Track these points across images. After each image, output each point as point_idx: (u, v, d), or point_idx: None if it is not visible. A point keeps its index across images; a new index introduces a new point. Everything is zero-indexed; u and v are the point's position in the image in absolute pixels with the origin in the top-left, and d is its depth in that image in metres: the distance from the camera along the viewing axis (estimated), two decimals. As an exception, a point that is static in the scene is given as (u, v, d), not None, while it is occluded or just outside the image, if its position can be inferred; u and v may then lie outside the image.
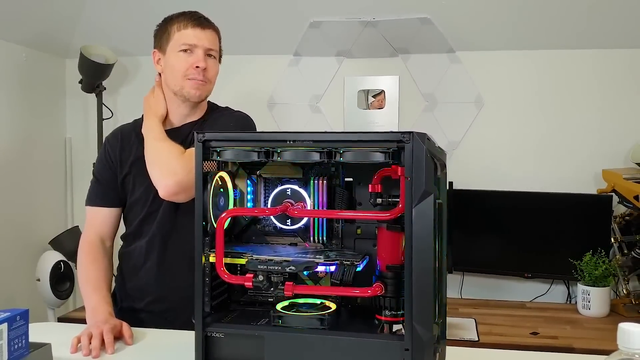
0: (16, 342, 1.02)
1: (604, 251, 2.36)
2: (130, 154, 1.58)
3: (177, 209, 1.52)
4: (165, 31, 1.56)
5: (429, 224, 0.87)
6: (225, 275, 0.97)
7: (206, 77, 1.54)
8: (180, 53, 1.52)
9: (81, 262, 1.55)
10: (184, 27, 1.53)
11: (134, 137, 1.59)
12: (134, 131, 1.60)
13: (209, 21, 1.57)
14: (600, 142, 2.61)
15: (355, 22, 2.66)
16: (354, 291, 0.97)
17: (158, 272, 1.54)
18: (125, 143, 1.60)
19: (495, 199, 2.58)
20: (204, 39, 1.53)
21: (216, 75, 1.59)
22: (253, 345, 0.96)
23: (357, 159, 0.93)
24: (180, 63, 1.52)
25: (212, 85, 1.58)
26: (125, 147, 1.59)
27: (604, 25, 2.50)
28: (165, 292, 1.53)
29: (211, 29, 1.56)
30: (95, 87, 2.78)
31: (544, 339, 2.10)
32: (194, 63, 1.51)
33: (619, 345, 0.71)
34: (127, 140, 1.60)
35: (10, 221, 2.65)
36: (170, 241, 1.53)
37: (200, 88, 1.54)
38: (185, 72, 1.52)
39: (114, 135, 1.64)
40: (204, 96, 1.57)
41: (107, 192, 1.59)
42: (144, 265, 1.55)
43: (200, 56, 1.52)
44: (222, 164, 1.07)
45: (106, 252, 1.59)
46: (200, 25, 1.54)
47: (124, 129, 1.65)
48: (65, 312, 2.67)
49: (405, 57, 2.74)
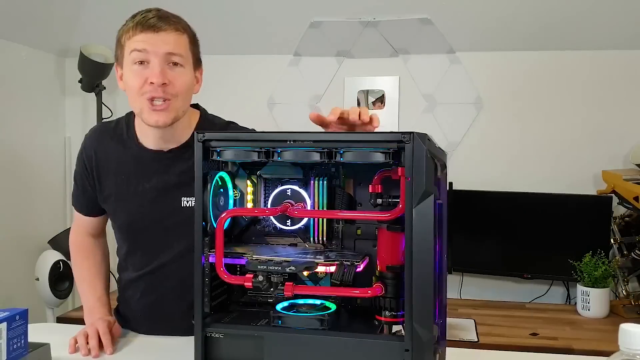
0: (15, 342, 1.02)
1: (604, 252, 2.36)
2: (109, 171, 1.37)
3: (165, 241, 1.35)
4: (119, 40, 1.28)
5: (430, 225, 0.87)
6: (225, 276, 0.97)
7: (169, 94, 1.23)
8: (134, 66, 1.23)
9: (74, 260, 1.50)
10: (133, 32, 1.22)
11: (112, 147, 1.37)
12: (115, 139, 1.38)
13: (166, 20, 1.23)
14: (600, 143, 2.61)
15: (356, 23, 2.66)
16: (354, 292, 0.97)
17: (151, 309, 1.41)
18: (102, 157, 1.37)
19: (494, 199, 2.58)
20: (159, 43, 1.21)
21: (188, 87, 1.27)
22: (253, 345, 0.96)
23: (358, 160, 0.92)
24: (132, 79, 1.24)
25: (181, 101, 1.26)
26: (101, 164, 1.38)
27: (604, 26, 2.50)
28: (159, 324, 1.40)
29: (171, 29, 1.23)
30: (94, 87, 2.78)
31: (544, 340, 2.10)
32: (148, 77, 1.22)
33: (621, 346, 0.71)
34: (105, 153, 1.37)
35: (10, 220, 2.65)
36: (163, 275, 1.38)
37: (162, 113, 1.24)
38: (141, 90, 1.23)
39: (90, 145, 1.40)
40: (169, 121, 1.25)
41: (89, 203, 1.44)
42: (137, 300, 1.43)
43: (155, 68, 1.21)
44: (222, 164, 1.07)
45: (99, 245, 1.51)
46: (152, 27, 1.21)
47: (100, 136, 1.40)
48: (64, 311, 2.67)
49: (405, 57, 2.74)
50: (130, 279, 1.44)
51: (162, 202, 1.34)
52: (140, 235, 1.37)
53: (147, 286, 1.40)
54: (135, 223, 1.37)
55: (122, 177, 1.36)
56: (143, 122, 1.30)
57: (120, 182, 1.36)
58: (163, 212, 1.34)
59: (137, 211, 1.36)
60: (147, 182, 1.35)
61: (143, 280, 1.41)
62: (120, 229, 1.41)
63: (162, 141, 1.34)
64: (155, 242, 1.36)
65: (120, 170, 1.36)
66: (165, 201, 1.34)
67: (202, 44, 1.34)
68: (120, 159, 1.36)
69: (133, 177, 1.35)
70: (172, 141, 1.33)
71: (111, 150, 1.38)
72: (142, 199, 1.35)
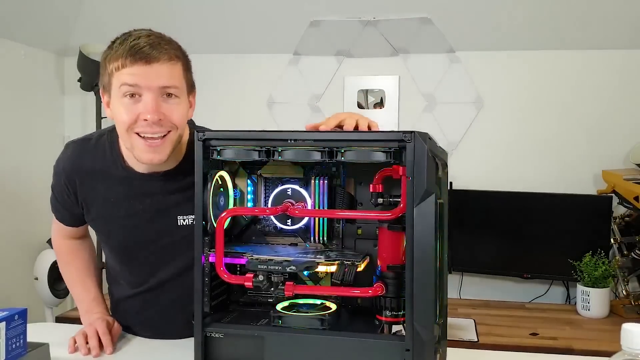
0: (14, 342, 1.02)
1: (604, 252, 2.36)
2: (95, 195, 1.29)
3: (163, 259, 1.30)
4: (104, 66, 1.16)
5: (431, 224, 0.87)
6: (225, 275, 0.97)
7: (165, 128, 1.14)
8: (124, 99, 1.12)
9: (62, 263, 1.45)
10: (123, 62, 1.11)
11: (96, 171, 1.28)
12: (97, 160, 1.28)
13: (159, 48, 1.12)
14: (600, 142, 2.61)
15: (356, 22, 2.66)
16: (355, 291, 0.97)
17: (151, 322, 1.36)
18: (85, 181, 1.29)
19: (494, 199, 2.58)
20: (152, 76, 1.11)
21: (183, 118, 1.18)
22: (253, 345, 0.96)
23: (358, 159, 0.92)
24: (123, 113, 1.13)
25: (178, 131, 1.17)
26: (85, 189, 1.29)
27: (604, 26, 2.50)
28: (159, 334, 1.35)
29: (165, 59, 1.12)
30: (94, 86, 2.77)
31: (544, 340, 2.10)
32: (141, 114, 1.11)
33: (623, 346, 0.71)
34: (88, 176, 1.29)
35: (8, 220, 2.64)
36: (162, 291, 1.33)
37: (159, 149, 1.14)
38: (132, 126, 1.13)
39: (70, 168, 1.31)
40: (165, 157, 1.16)
41: (71, 217, 1.38)
42: (135, 314, 1.38)
43: (149, 103, 1.11)
44: (223, 163, 1.06)
45: (84, 245, 1.45)
46: (144, 58, 1.10)
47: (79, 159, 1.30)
48: (63, 311, 2.66)
49: (405, 56, 2.74)
50: (125, 294, 1.38)
51: (157, 222, 1.27)
52: (136, 254, 1.31)
53: (144, 303, 1.35)
54: (131, 244, 1.30)
55: (112, 200, 1.28)
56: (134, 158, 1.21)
57: (110, 205, 1.28)
58: (160, 232, 1.28)
59: (132, 232, 1.28)
60: (139, 203, 1.26)
61: (140, 297, 1.35)
62: (113, 249, 1.34)
63: (155, 167, 1.24)
64: (152, 260, 1.31)
65: (108, 194, 1.27)
66: (161, 221, 1.27)
67: (201, 43, 1.33)
68: (106, 182, 1.27)
69: (123, 200, 1.27)
70: (165, 165, 1.23)
71: (94, 173, 1.28)
72: (137, 221, 1.27)
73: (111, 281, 1.44)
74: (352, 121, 1.04)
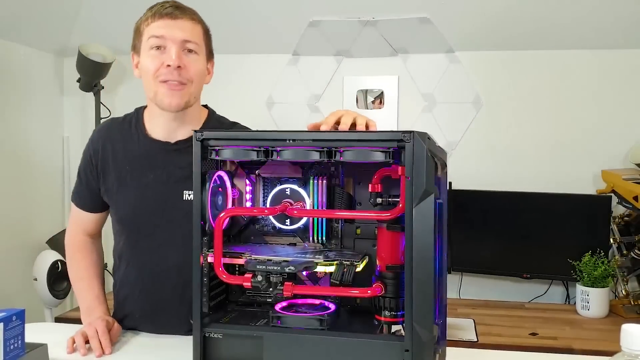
0: (12, 343, 1.01)
1: (603, 252, 2.36)
2: (114, 163, 1.39)
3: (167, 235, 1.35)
4: (137, 29, 1.34)
5: (430, 224, 0.87)
6: (223, 276, 0.96)
7: (184, 78, 1.28)
8: (151, 51, 1.29)
9: (71, 259, 1.49)
10: (152, 19, 1.29)
11: (119, 140, 1.40)
12: (122, 132, 1.41)
13: (184, 10, 1.31)
14: (599, 142, 2.60)
15: (355, 22, 2.66)
16: (354, 291, 0.97)
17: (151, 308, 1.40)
18: (108, 150, 1.40)
19: (493, 199, 2.58)
20: (176, 29, 1.28)
21: (200, 73, 1.33)
22: (252, 346, 0.95)
23: (357, 159, 0.92)
24: (149, 63, 1.29)
25: (195, 87, 1.32)
26: (107, 157, 1.40)
27: (603, 26, 2.49)
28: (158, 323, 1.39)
29: (187, 18, 1.30)
30: (93, 86, 2.77)
31: (543, 340, 2.10)
32: (165, 61, 1.27)
33: (622, 347, 0.70)
34: (111, 145, 1.40)
35: (7, 220, 2.64)
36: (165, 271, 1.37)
37: (177, 94, 1.28)
38: (156, 73, 1.28)
39: (97, 138, 1.43)
40: (182, 104, 1.30)
41: (91, 197, 1.44)
42: (136, 298, 1.42)
43: (172, 52, 1.27)
44: (221, 163, 1.06)
45: (95, 245, 1.51)
46: (170, 14, 1.28)
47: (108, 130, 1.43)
48: (62, 311, 2.66)
49: (405, 56, 2.74)
50: (129, 276, 1.42)
51: (164, 193, 1.35)
52: (142, 227, 1.37)
53: (147, 284, 1.39)
54: (137, 214, 1.37)
55: (127, 167, 1.37)
56: (155, 108, 1.34)
57: (124, 173, 1.37)
58: (165, 203, 1.34)
59: (141, 201, 1.36)
60: (151, 172, 1.36)
61: (143, 278, 1.39)
62: (121, 220, 1.40)
63: (170, 130, 1.36)
64: (157, 235, 1.36)
65: (125, 161, 1.38)
66: (168, 193, 1.35)
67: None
68: (126, 150, 1.38)
69: (137, 168, 1.37)
70: (179, 132, 1.36)
71: (118, 142, 1.40)
72: (145, 190, 1.36)
73: (117, 267, 1.47)
74: (349, 119, 1.09)
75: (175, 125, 1.36)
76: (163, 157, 1.37)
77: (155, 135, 1.38)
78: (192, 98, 1.33)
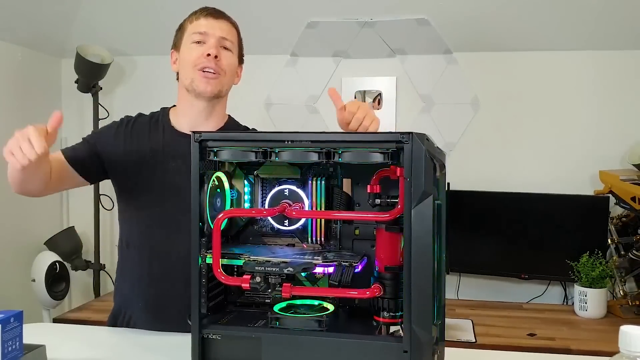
0: (10, 344, 1.01)
1: (601, 252, 2.36)
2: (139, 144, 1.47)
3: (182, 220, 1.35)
4: (181, 28, 1.51)
5: (428, 225, 0.87)
6: (222, 277, 0.96)
7: (219, 68, 1.44)
8: (192, 45, 1.45)
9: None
10: (196, 18, 1.47)
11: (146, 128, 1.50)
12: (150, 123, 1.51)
13: (224, 14, 1.51)
14: (597, 143, 2.61)
15: (353, 23, 2.66)
16: (352, 292, 0.96)
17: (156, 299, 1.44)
18: (135, 132, 1.49)
19: (492, 200, 2.58)
20: (217, 27, 1.46)
21: (232, 68, 1.49)
22: (250, 347, 0.95)
23: (356, 160, 0.92)
24: (191, 53, 1.45)
25: (227, 79, 1.48)
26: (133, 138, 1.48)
27: (602, 27, 2.50)
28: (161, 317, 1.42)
29: (226, 20, 1.50)
30: (91, 87, 2.77)
31: (541, 340, 2.10)
32: (204, 52, 1.43)
33: (621, 348, 0.71)
34: (138, 130, 1.50)
35: (6, 221, 2.63)
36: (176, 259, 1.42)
37: (211, 81, 1.44)
38: (196, 62, 1.44)
39: (127, 121, 1.53)
40: (216, 90, 1.46)
41: (90, 163, 1.47)
42: (146, 285, 1.46)
43: (212, 44, 1.44)
44: (219, 164, 1.06)
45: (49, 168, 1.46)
46: (213, 15, 1.48)
47: (138, 118, 1.54)
48: (61, 312, 2.65)
49: (403, 57, 2.74)
50: (138, 262, 1.46)
51: (181, 183, 1.38)
52: (157, 213, 1.44)
53: (155, 271, 1.43)
54: (153, 199, 1.45)
55: (150, 152, 1.46)
56: (186, 99, 1.47)
57: (147, 156, 1.46)
58: (180, 193, 1.36)
59: (158, 187, 1.44)
60: (172, 160, 1.45)
61: (152, 265, 1.44)
62: (138, 205, 1.47)
63: (197, 123, 1.47)
64: (171, 224, 1.42)
65: (149, 145, 1.48)
66: (183, 183, 1.34)
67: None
68: (151, 136, 1.49)
69: (160, 153, 1.46)
70: (204, 125, 1.48)
71: (144, 129, 1.51)
72: (164, 177, 1.44)
73: (125, 255, 1.51)
74: (356, 124, 1.28)
75: (201, 119, 1.48)
76: (184, 149, 1.36)
77: (180, 128, 1.49)
78: (224, 90, 1.48)
